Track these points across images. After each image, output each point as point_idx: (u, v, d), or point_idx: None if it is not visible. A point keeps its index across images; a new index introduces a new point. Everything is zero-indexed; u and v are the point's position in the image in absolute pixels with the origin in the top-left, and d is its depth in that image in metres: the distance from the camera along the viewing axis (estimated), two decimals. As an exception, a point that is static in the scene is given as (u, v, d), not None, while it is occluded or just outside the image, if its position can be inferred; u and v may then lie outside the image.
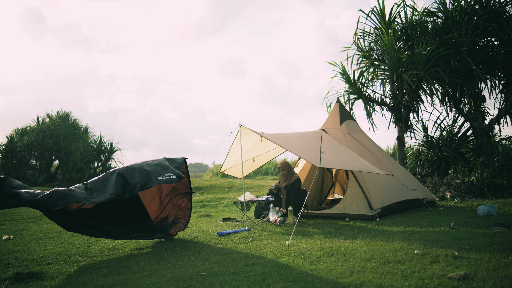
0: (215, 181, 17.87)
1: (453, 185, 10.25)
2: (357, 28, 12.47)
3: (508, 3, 10.87)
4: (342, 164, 7.64)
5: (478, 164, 10.54)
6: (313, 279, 3.70)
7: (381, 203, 7.67)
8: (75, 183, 21.62)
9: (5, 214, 10.75)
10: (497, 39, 11.05)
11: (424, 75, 10.61)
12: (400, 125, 11.99)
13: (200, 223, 8.34)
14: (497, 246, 4.50)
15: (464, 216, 7.30)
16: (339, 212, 7.94)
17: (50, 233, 7.59)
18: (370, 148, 8.89)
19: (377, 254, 4.42)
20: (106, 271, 4.52)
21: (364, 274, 3.76)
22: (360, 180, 7.89)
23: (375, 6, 12.12)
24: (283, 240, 5.85)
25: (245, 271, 4.14)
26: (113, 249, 5.83)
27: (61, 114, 24.24)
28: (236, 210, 10.29)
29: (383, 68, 11.73)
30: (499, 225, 6.15)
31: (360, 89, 12.28)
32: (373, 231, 6.18)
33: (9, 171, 21.83)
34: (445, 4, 11.44)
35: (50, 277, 4.38)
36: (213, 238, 6.35)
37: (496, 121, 11.32)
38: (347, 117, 9.43)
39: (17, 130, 23.62)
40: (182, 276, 4.08)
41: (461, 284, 3.31)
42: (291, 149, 7.48)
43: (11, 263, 5.08)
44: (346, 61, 16.18)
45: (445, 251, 4.36)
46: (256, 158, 9.35)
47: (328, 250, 4.80)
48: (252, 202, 7.93)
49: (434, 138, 12.29)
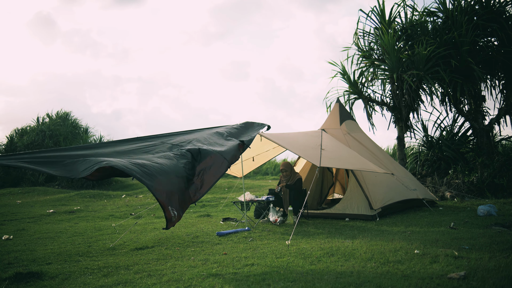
0: (215, 181, 17.85)
1: (453, 185, 10.25)
2: (357, 28, 12.47)
3: (508, 3, 10.87)
4: (342, 163, 7.63)
5: (478, 164, 10.54)
6: (313, 279, 3.70)
7: (381, 203, 7.67)
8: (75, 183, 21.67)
9: (5, 214, 10.75)
10: (497, 39, 11.05)
11: (424, 75, 10.61)
12: (400, 125, 11.99)
13: (200, 223, 8.34)
14: (497, 246, 4.50)
15: (464, 216, 7.29)
16: (339, 212, 7.94)
17: (50, 233, 7.59)
18: (370, 148, 8.89)
19: (377, 254, 4.42)
20: (106, 271, 4.52)
21: (364, 274, 3.76)
22: (360, 179, 7.89)
23: (375, 6, 12.11)
24: (283, 240, 5.85)
25: (245, 271, 4.14)
26: (113, 249, 5.83)
27: (61, 114, 24.24)
28: (236, 210, 10.29)
29: (383, 68, 11.73)
30: (499, 225, 6.15)
31: (360, 89, 12.28)
32: (373, 231, 6.18)
33: (9, 171, 21.85)
34: (445, 4, 11.43)
35: (50, 277, 4.38)
36: (213, 238, 6.35)
37: (496, 121, 11.32)
38: (347, 117, 9.43)
39: (17, 130, 23.63)
40: (182, 276, 4.08)
41: (461, 284, 3.31)
42: (291, 148, 7.47)
43: (11, 263, 5.09)
44: (346, 61, 16.20)
45: (445, 251, 4.36)
46: (255, 157, 9.35)
47: (328, 250, 4.79)
48: (252, 202, 7.93)
49: (434, 138, 12.29)
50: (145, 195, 15.77)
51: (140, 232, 7.32)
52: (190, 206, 11.85)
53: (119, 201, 13.90)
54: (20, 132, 23.48)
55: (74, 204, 13.48)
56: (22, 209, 12.27)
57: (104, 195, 15.81)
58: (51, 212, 11.01)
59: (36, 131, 22.70)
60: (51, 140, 22.17)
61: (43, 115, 24.15)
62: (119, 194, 16.48)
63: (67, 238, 7.04)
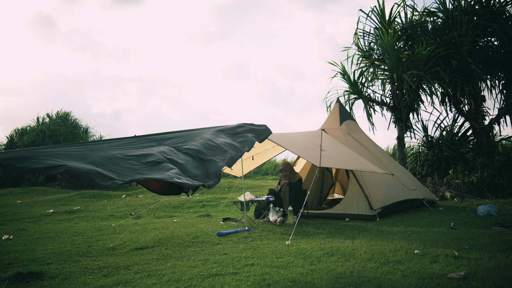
0: (215, 181, 17.84)
1: (453, 185, 10.25)
2: (357, 28, 12.48)
3: (508, 3, 10.87)
4: (342, 163, 7.63)
5: (478, 164, 10.54)
6: (313, 279, 3.70)
7: (381, 203, 7.67)
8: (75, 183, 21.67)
9: (5, 214, 10.75)
10: (497, 39, 11.05)
11: (424, 75, 10.61)
12: (400, 125, 12.00)
13: (200, 223, 8.34)
14: (497, 246, 4.49)
15: (464, 216, 7.29)
16: (339, 212, 7.94)
17: (50, 233, 7.59)
18: (370, 148, 8.88)
19: (377, 254, 4.42)
20: (106, 271, 4.52)
21: (364, 274, 3.76)
22: (360, 180, 7.89)
23: (375, 6, 12.12)
24: (283, 240, 5.85)
25: (245, 271, 4.14)
26: (113, 249, 5.83)
27: (61, 114, 24.25)
28: (236, 210, 10.29)
29: (383, 68, 11.73)
30: (499, 225, 6.15)
31: (360, 89, 12.28)
32: (373, 231, 6.18)
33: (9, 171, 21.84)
34: (445, 4, 11.43)
35: (50, 277, 4.38)
36: (213, 238, 6.35)
37: (496, 121, 11.32)
38: (347, 117, 9.43)
39: (17, 130, 23.63)
40: (182, 276, 4.08)
41: (461, 284, 3.31)
42: (291, 148, 7.47)
43: (11, 263, 5.09)
44: (346, 61, 16.21)
45: (445, 251, 4.36)
46: (255, 157, 9.35)
47: (328, 250, 4.79)
48: (252, 202, 7.93)
49: (434, 138, 12.29)
50: (145, 195, 15.77)
51: (140, 232, 7.32)
52: (190, 206, 11.85)
53: (119, 201, 13.90)
54: (20, 132, 23.49)
55: (74, 204, 13.48)
56: (22, 209, 12.27)
57: (104, 195, 15.82)
58: (51, 212, 11.01)
59: (36, 131, 22.71)
60: (51, 140, 22.17)
61: (43, 115, 24.17)
62: (119, 194, 16.48)
63: (67, 238, 7.04)
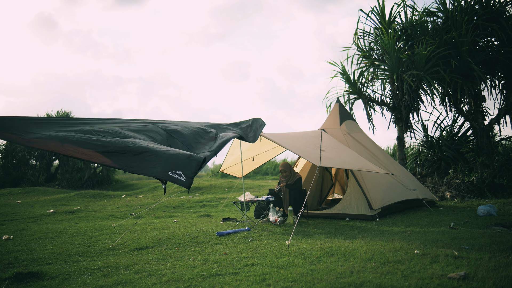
0: (215, 181, 17.87)
1: (453, 185, 10.25)
2: (357, 28, 12.48)
3: (508, 3, 10.88)
4: (342, 163, 7.63)
5: (478, 164, 10.54)
6: (313, 279, 3.70)
7: (381, 203, 7.67)
8: (75, 183, 21.65)
9: (5, 214, 10.75)
10: (497, 39, 11.05)
11: (424, 75, 10.61)
12: (400, 125, 12.00)
13: (200, 223, 8.34)
14: (497, 246, 4.50)
15: (464, 216, 7.29)
16: (339, 212, 7.94)
17: (50, 233, 7.59)
18: (370, 148, 8.88)
19: (377, 254, 4.42)
20: (106, 271, 4.52)
21: (364, 274, 3.76)
22: (360, 180, 7.89)
23: (375, 6, 12.12)
24: (283, 240, 5.85)
25: (245, 271, 4.14)
26: (113, 249, 5.83)
27: (62, 114, 24.24)
28: (236, 210, 10.29)
29: (383, 68, 11.73)
30: (499, 225, 6.15)
31: (360, 89, 12.28)
32: (373, 231, 6.18)
33: (9, 171, 21.84)
34: (445, 4, 11.44)
35: (50, 277, 4.38)
36: (213, 238, 6.35)
37: (496, 121, 11.32)
38: (347, 117, 9.43)
39: (17, 130, 23.60)
40: (182, 276, 4.08)
41: (461, 284, 3.31)
42: (291, 148, 7.47)
43: (11, 263, 5.08)
44: (346, 61, 16.22)
45: (445, 251, 4.36)
46: (255, 157, 9.35)
47: (328, 250, 4.79)
48: (252, 202, 7.93)
49: (434, 138, 12.29)
50: (145, 195, 15.77)
51: (140, 232, 7.32)
52: (190, 206, 11.85)
53: (119, 201, 13.90)
54: (20, 132, 23.46)
55: (74, 204, 13.48)
56: (22, 209, 12.27)
57: (104, 195, 15.82)
58: (51, 212, 11.01)
59: (36, 131, 22.68)
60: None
61: (44, 115, 24.13)
62: (119, 194, 16.48)
63: (67, 238, 7.04)
